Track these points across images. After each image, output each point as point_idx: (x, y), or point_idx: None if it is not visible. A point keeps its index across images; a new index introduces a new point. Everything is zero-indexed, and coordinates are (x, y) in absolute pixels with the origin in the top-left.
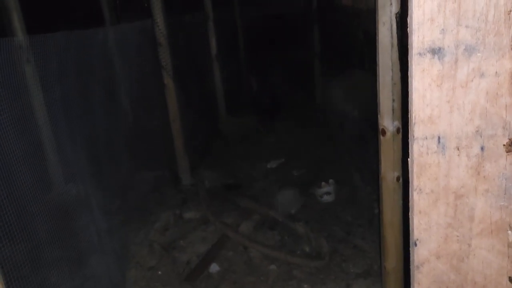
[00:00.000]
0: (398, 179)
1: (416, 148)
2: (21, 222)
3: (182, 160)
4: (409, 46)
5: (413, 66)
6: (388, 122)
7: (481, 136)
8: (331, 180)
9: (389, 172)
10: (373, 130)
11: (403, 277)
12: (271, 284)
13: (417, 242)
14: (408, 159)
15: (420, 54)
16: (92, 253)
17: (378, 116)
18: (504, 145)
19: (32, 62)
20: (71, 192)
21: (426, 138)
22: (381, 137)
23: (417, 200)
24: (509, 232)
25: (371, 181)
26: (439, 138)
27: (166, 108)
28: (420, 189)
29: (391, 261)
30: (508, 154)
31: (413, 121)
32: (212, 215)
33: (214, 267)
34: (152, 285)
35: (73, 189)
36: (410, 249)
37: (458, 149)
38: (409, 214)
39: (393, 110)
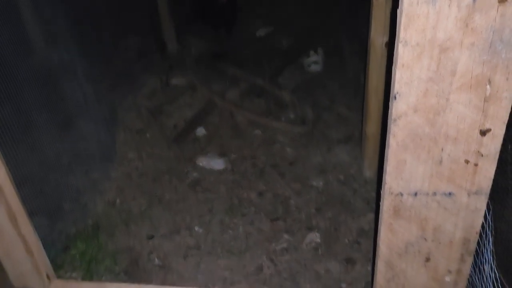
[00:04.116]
0: (386, 45)
1: None
2: (5, 84)
3: (168, 25)
4: None
5: None
6: None
7: None
8: (319, 50)
9: (378, 37)
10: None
11: (381, 142)
12: (256, 147)
13: (397, 96)
14: (397, 9)
15: None
16: (81, 116)
17: None
18: None
19: None
20: (53, 55)
21: None
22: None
23: (402, 53)
24: (488, 86)
25: (360, 51)
26: None
27: None
28: (406, 42)
29: (372, 127)
30: (500, 5)
31: None
32: (199, 82)
33: (200, 131)
34: (140, 146)
35: (56, 52)
36: (390, 103)
37: (449, 1)
38: (392, 67)
39: None
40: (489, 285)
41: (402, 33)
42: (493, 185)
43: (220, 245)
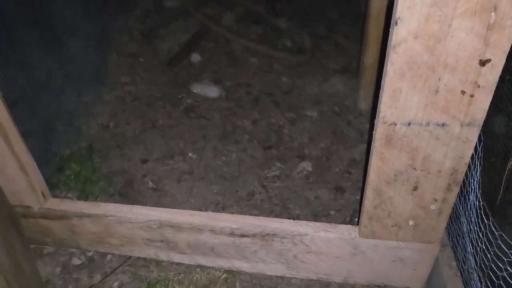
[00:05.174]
0: None
1: None
2: None
3: None
4: None
5: None
6: None
7: None
8: None
9: None
10: None
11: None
12: (251, 75)
13: (398, 21)
14: None
15: None
16: (71, 37)
17: None
18: None
19: None
20: None
21: None
22: None
23: None
24: (493, 13)
25: None
26: None
27: None
28: None
29: (370, 57)
30: None
31: None
32: (194, 5)
33: (195, 57)
34: (133, 70)
35: None
36: (390, 29)
37: None
38: None
39: None
40: (473, 213)
41: None
42: (485, 117)
43: (213, 171)
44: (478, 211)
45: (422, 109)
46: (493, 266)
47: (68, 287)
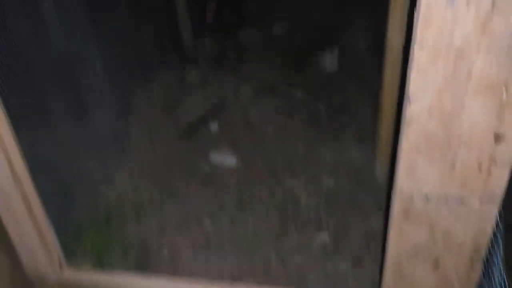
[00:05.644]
0: (403, 46)
1: None
2: (25, 74)
3: (184, 22)
4: None
5: None
6: None
7: None
8: (335, 48)
9: (395, 38)
10: None
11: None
12: (268, 144)
13: (411, 99)
14: (415, 11)
15: None
16: (95, 107)
17: None
18: None
19: None
20: (70, 47)
21: None
22: None
23: (418, 55)
24: (504, 91)
25: (376, 51)
26: None
27: None
28: (422, 45)
29: (385, 128)
30: None
31: None
32: (213, 78)
33: (213, 126)
34: (153, 139)
35: (73, 44)
36: (403, 106)
37: (467, 3)
38: (407, 70)
39: None
40: None
41: (419, 35)
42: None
43: (229, 241)
44: None
45: (439, 184)
46: None
47: None
